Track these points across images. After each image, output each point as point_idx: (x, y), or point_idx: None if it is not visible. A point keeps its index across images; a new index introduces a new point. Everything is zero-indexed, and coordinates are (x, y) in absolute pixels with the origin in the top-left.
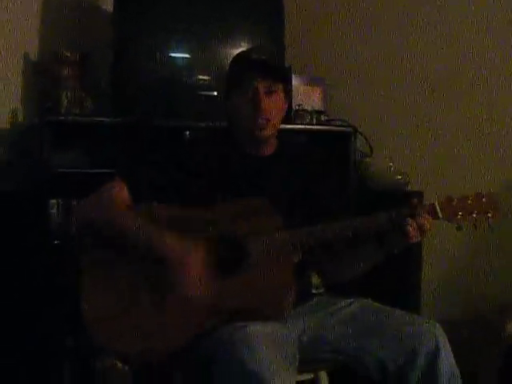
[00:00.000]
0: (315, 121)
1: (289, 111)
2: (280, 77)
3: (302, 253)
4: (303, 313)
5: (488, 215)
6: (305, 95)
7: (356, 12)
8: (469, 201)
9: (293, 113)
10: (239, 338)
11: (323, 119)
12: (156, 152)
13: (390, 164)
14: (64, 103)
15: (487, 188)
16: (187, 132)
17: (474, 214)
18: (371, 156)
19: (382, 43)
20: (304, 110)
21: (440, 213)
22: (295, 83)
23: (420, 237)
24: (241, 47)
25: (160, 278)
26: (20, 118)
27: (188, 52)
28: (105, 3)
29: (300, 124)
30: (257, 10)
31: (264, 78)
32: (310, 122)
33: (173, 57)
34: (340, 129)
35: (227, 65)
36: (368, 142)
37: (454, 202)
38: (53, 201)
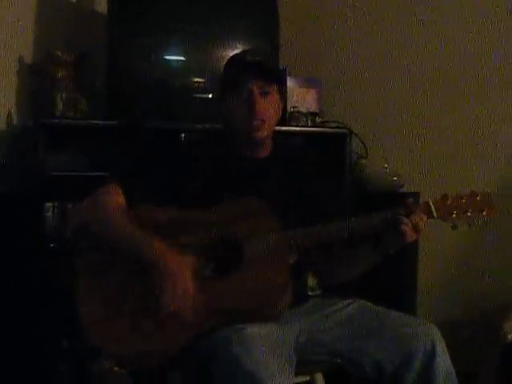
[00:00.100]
0: (310, 123)
1: (284, 113)
2: (274, 78)
3: (298, 254)
4: (300, 314)
5: (483, 213)
6: (300, 97)
7: (351, 14)
8: (463, 199)
9: (288, 115)
10: (237, 340)
11: (318, 121)
12: (151, 154)
13: (386, 165)
14: (59, 105)
15: (483, 188)
16: (183, 134)
17: (469, 213)
18: (366, 158)
19: (377, 45)
20: (299, 112)
21: (435, 212)
22: (290, 85)
23: (415, 236)
24: (236, 49)
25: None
26: (14, 120)
27: (183, 54)
28: (100, 4)
29: (295, 126)
30: (251, 12)
31: (258, 80)
32: (305, 124)
33: (168, 59)
34: (335, 130)
35: (222, 67)
36: (363, 144)
37: (449, 201)
38: (48, 204)
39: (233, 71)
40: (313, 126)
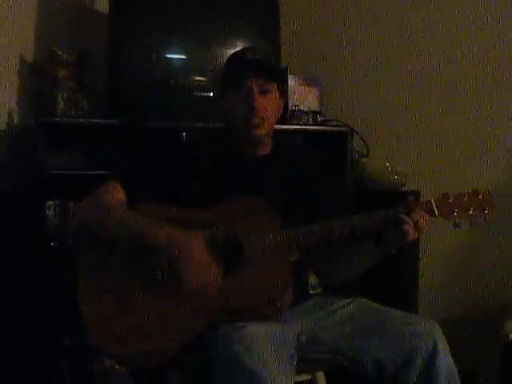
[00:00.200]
0: (311, 121)
1: (285, 111)
2: (274, 76)
3: (299, 252)
4: (301, 313)
5: (485, 212)
6: (301, 95)
7: (353, 12)
8: (465, 198)
9: (289, 113)
10: (237, 338)
11: (319, 119)
12: (152, 153)
13: (387, 164)
14: (60, 104)
15: (484, 187)
16: (184, 133)
17: (471, 211)
18: (368, 156)
19: (379, 44)
20: (300, 111)
21: (436, 210)
22: (291, 83)
23: (416, 234)
24: (237, 47)
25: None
26: (15, 120)
27: (184, 53)
28: (101, 4)
29: (296, 124)
30: (252, 11)
31: (258, 78)
32: (307, 123)
33: (169, 58)
34: (336, 129)
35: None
36: (365, 142)
37: (450, 200)
38: (49, 202)
39: (233, 69)
40: (314, 125)
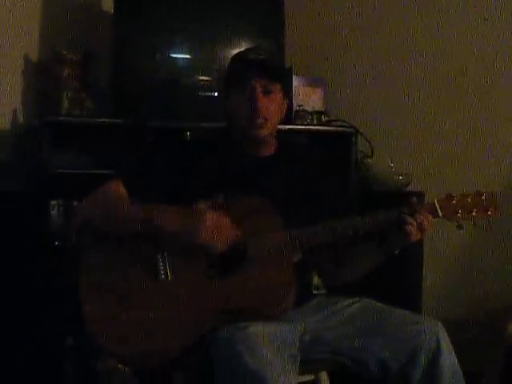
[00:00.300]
0: (316, 121)
1: (289, 112)
2: (278, 77)
3: (302, 253)
4: (304, 313)
5: (488, 213)
6: (305, 96)
7: (357, 12)
8: (468, 199)
9: (293, 113)
10: (240, 338)
11: (324, 120)
12: (156, 153)
13: (391, 164)
14: (64, 104)
15: (488, 188)
16: (188, 133)
17: (474, 212)
18: (372, 157)
19: (383, 44)
20: (305, 111)
21: (440, 211)
22: (296, 84)
23: (420, 235)
24: (241, 47)
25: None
26: (20, 119)
27: (188, 52)
28: (106, 4)
29: (301, 124)
30: (257, 11)
31: (261, 78)
32: (311, 123)
33: (173, 57)
34: (341, 129)
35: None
36: (369, 143)
37: (454, 201)
38: (53, 202)
39: (236, 69)
40: (318, 125)
